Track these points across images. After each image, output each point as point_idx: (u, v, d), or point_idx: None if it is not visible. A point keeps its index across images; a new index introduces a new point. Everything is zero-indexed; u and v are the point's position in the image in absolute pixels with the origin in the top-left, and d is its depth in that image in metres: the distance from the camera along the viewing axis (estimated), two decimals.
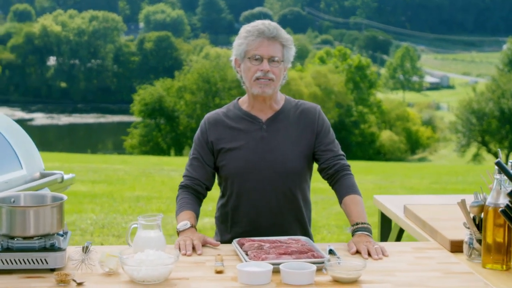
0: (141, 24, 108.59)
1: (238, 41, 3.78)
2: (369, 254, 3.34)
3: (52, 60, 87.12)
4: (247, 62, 3.73)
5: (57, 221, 3.13)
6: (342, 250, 3.43)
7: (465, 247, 3.33)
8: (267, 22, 3.77)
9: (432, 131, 56.13)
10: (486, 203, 3.16)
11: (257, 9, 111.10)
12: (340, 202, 3.74)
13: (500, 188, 3.12)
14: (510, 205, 2.99)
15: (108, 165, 21.62)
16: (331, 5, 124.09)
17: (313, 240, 3.97)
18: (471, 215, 3.28)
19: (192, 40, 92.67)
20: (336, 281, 2.99)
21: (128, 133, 47.95)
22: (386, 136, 51.95)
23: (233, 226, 3.86)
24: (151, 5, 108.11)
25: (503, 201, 3.07)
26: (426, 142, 55.05)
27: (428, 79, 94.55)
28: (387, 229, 4.71)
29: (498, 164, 3.03)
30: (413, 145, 54.14)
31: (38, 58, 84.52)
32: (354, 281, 2.98)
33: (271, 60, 3.70)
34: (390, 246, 3.53)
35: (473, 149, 46.97)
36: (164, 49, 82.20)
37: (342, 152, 3.86)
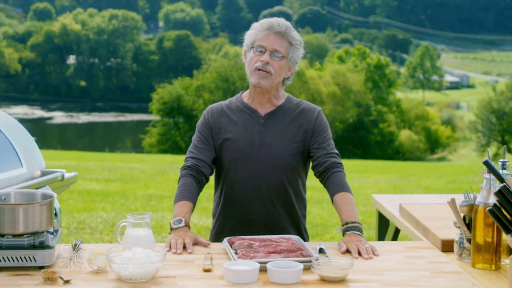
0: (161, 23, 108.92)
1: (249, 33, 3.86)
2: (360, 254, 3.34)
3: (71, 59, 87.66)
4: (251, 52, 3.80)
5: (47, 219, 3.13)
6: (334, 249, 3.42)
7: (455, 246, 3.31)
8: (280, 19, 3.84)
9: (452, 130, 55.95)
10: (476, 203, 3.14)
11: (277, 8, 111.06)
12: (332, 201, 3.74)
13: (490, 188, 3.11)
14: (498, 204, 2.97)
15: (124, 164, 21.70)
16: (350, 4, 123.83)
17: (308, 238, 4.00)
18: (462, 215, 3.27)
19: (212, 39, 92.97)
20: (324, 280, 2.98)
21: (147, 131, 48.10)
22: (405, 135, 51.85)
23: (226, 217, 3.89)
24: (170, 4, 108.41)
25: (493, 200, 3.05)
26: (446, 142, 54.88)
27: (448, 78, 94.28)
28: (385, 228, 4.70)
29: (486, 163, 3.01)
30: (433, 145, 53.98)
31: (58, 57, 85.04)
32: (341, 280, 2.97)
33: (273, 53, 3.74)
34: (381, 245, 3.52)
35: (493, 149, 46.81)
36: (183, 48, 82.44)
37: (335, 151, 3.86)
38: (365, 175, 21.19)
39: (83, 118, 71.94)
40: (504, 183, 2.94)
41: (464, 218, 3.27)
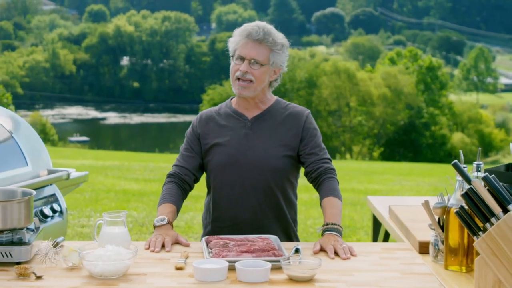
0: (213, 25, 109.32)
1: (231, 40, 3.86)
2: (337, 254, 3.35)
3: (125, 60, 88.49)
4: (232, 61, 3.82)
5: (25, 216, 3.21)
6: (311, 250, 3.44)
7: (430, 248, 3.32)
8: (261, 24, 3.83)
9: (506, 133, 55.24)
10: (448, 205, 3.15)
11: (329, 10, 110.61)
12: (320, 204, 3.76)
13: (462, 190, 3.10)
14: (465, 206, 2.97)
15: (168, 164, 21.86)
16: (404, 5, 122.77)
17: (298, 241, 4.00)
18: (436, 217, 3.27)
19: None
20: (291, 279, 3.01)
21: None
22: (457, 138, 51.38)
23: (215, 221, 3.93)
24: (223, 6, 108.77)
25: None
26: (499, 145, 54.18)
27: (503, 80, 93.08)
28: (378, 230, 4.70)
29: (454, 165, 3.01)
30: (486, 148, 53.33)
31: (112, 58, 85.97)
32: (309, 280, 3.00)
33: (252, 62, 3.75)
34: (359, 246, 3.53)
35: None
36: None
37: (328, 156, 3.87)
38: (408, 177, 21.08)
39: (135, 119, 72.68)
40: (471, 186, 2.93)
41: (439, 220, 3.27)
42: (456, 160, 3.01)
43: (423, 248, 3.42)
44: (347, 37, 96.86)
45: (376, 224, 4.72)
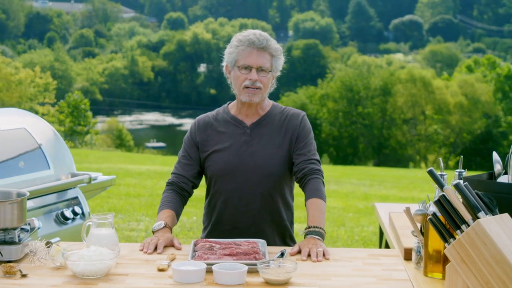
0: (290, 32, 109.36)
1: (229, 50, 3.92)
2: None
3: (202, 67, 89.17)
4: (236, 71, 3.87)
5: (17, 217, 3.33)
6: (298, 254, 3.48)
7: (413, 254, 3.33)
8: (258, 32, 3.90)
9: None
10: (428, 212, 3.16)
11: (407, 17, 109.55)
12: (305, 205, 3.80)
13: None
14: (438, 213, 2.98)
15: None
16: (484, 12, 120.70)
17: (294, 243, 4.03)
18: (418, 224, 3.28)
19: (340, 48, 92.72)
20: (267, 282, 3.06)
21: None
22: None
23: (214, 225, 4.01)
24: (300, 13, 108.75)
25: None
26: None
27: None
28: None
29: (430, 173, 3.02)
30: None
31: (189, 65, 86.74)
32: (284, 283, 3.04)
33: (259, 69, 3.82)
34: (346, 251, 3.55)
35: None
36: (311, 57, 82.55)
37: (315, 157, 3.91)
38: None
39: None
40: (443, 193, 2.94)
41: (422, 227, 3.28)
42: (431, 168, 3.02)
43: (408, 255, 3.44)
44: (425, 44, 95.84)
45: (382, 230, 4.73)
